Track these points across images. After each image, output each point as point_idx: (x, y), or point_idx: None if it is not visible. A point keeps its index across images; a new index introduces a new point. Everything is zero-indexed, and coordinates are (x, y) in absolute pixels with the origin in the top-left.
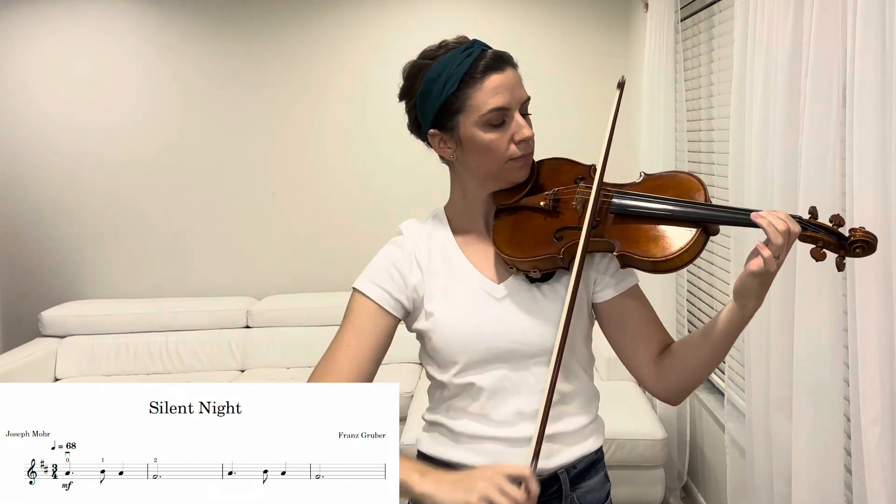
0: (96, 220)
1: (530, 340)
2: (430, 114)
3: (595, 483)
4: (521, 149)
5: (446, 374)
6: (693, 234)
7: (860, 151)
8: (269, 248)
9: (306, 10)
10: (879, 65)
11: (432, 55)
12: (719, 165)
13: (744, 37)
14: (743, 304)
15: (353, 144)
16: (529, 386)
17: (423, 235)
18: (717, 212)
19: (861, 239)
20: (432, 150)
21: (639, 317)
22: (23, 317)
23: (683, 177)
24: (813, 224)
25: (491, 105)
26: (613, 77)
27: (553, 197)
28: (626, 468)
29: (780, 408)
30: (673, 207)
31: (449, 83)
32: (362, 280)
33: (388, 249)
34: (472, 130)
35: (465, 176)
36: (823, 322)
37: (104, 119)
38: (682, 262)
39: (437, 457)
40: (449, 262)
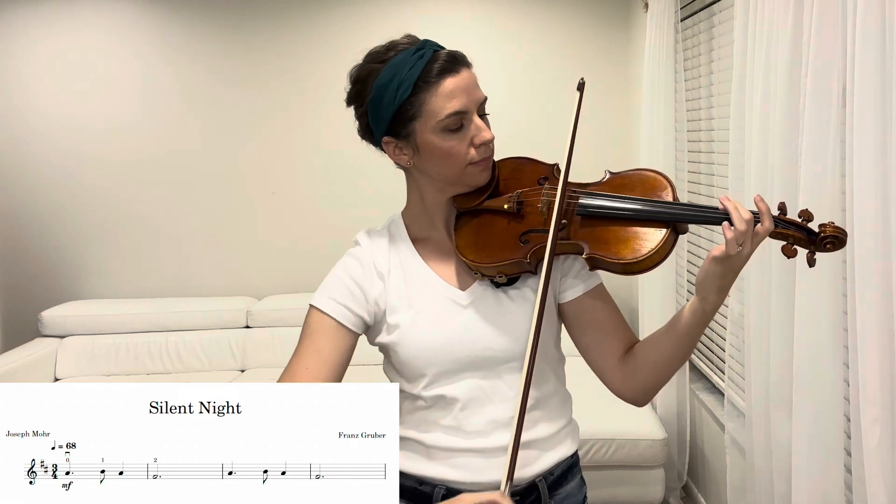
0: (96, 220)
1: (500, 347)
2: (383, 121)
3: (572, 488)
4: (481, 153)
5: (415, 387)
6: (663, 235)
7: (860, 151)
8: (269, 248)
9: (306, 10)
10: (879, 65)
11: (381, 58)
12: (719, 165)
13: (744, 37)
14: (703, 296)
15: (354, 144)
16: (502, 393)
17: (381, 245)
18: (686, 210)
19: (831, 234)
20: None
21: (605, 316)
22: (23, 317)
23: (650, 175)
24: (783, 220)
25: (448, 110)
26: (614, 77)
27: (517, 199)
28: (626, 468)
29: (780, 408)
30: (641, 207)
31: (402, 89)
32: (320, 296)
33: (345, 262)
34: (429, 137)
35: (423, 181)
36: (823, 322)
37: (104, 119)
38: (653, 263)
39: (410, 472)
40: (410, 271)
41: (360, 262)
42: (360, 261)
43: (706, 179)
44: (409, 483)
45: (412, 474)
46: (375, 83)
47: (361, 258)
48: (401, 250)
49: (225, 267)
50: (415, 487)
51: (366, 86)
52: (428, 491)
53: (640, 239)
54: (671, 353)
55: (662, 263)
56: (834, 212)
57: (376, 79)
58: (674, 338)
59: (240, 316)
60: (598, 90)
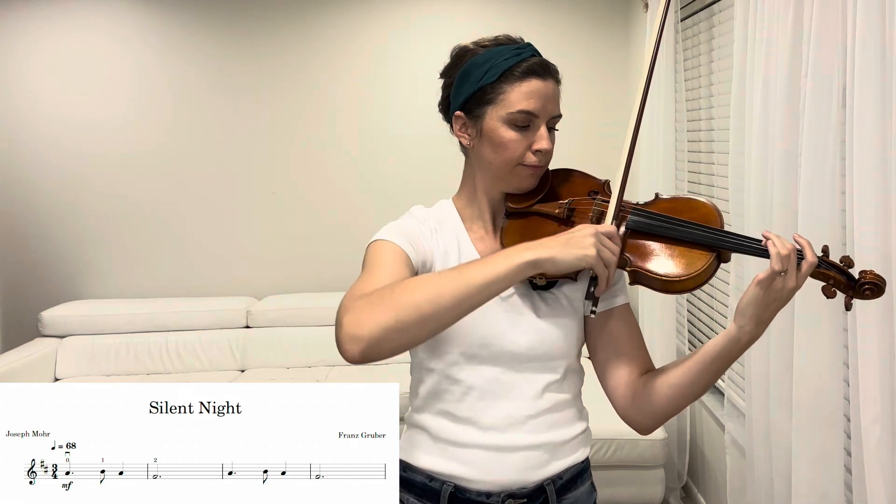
0: (96, 220)
1: (527, 345)
2: (462, 96)
3: (581, 493)
4: (537, 158)
5: (438, 363)
6: (708, 259)
7: (860, 151)
8: (269, 248)
9: (307, 11)
10: (879, 65)
11: (484, 43)
12: (719, 165)
13: (744, 37)
14: (742, 324)
15: (354, 144)
16: (521, 391)
17: (435, 218)
18: (734, 240)
19: (871, 281)
20: (452, 134)
21: (626, 336)
22: (23, 317)
23: (700, 202)
24: (825, 262)
25: (521, 106)
26: (613, 77)
27: (568, 206)
28: (626, 468)
29: (780, 408)
30: (690, 230)
31: (490, 72)
32: (386, 232)
33: (405, 219)
34: (495, 124)
35: (478, 168)
36: (823, 322)
37: (104, 119)
38: (694, 285)
39: (420, 466)
40: (460, 248)
41: (417, 221)
42: (418, 219)
43: (706, 179)
44: (419, 478)
45: (422, 469)
46: (470, 60)
47: (419, 217)
48: (454, 228)
49: (225, 267)
50: (424, 483)
51: (461, 60)
52: (437, 487)
53: (685, 260)
54: (693, 379)
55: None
56: (834, 212)
57: (472, 57)
58: (701, 363)
59: (240, 316)
60: (598, 90)
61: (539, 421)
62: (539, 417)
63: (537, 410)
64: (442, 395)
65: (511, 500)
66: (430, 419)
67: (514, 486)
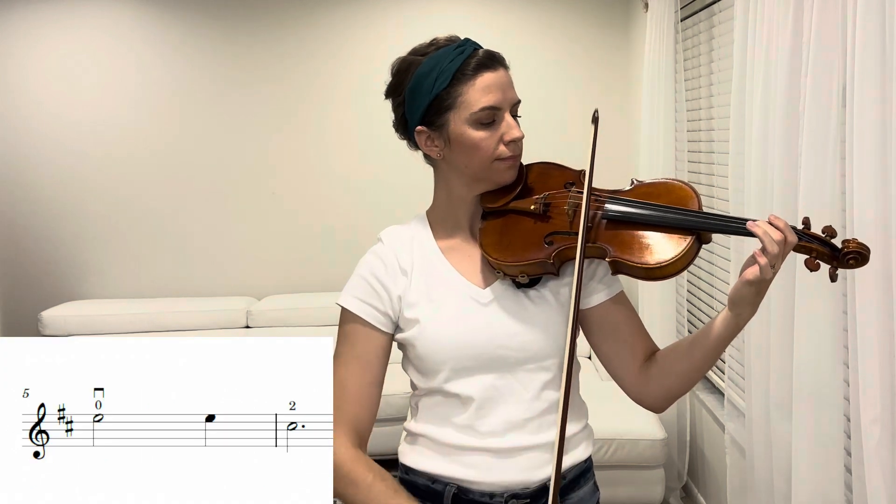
0: (96, 220)
1: (518, 346)
2: (419, 110)
3: (584, 493)
4: (511, 149)
5: (431, 382)
6: (688, 242)
7: (860, 151)
8: (269, 248)
9: (307, 10)
10: (879, 65)
11: (423, 52)
12: (719, 165)
13: (744, 37)
14: (738, 312)
15: (354, 144)
16: (517, 394)
17: (404, 240)
18: (712, 220)
19: (854, 250)
20: (416, 150)
21: (627, 323)
22: (23, 317)
23: (676, 184)
24: (807, 234)
25: (483, 103)
26: (613, 77)
27: (543, 201)
28: (626, 468)
29: (780, 408)
30: (667, 214)
31: (440, 79)
32: (346, 296)
33: (368, 261)
34: (461, 128)
35: (451, 176)
36: (823, 322)
37: (104, 119)
38: (676, 270)
39: (422, 469)
40: (432, 267)
41: (382, 260)
42: (383, 259)
43: (706, 179)
44: (421, 481)
45: (424, 472)
46: (416, 73)
47: (384, 256)
48: (424, 246)
49: (225, 267)
50: (427, 485)
51: (406, 76)
52: (439, 489)
53: (665, 245)
54: (698, 363)
55: (685, 271)
56: (834, 212)
57: (417, 69)
58: (702, 349)
59: (240, 316)
60: (599, 90)
61: (539, 421)
62: (538, 418)
63: (536, 412)
64: (441, 409)
65: (514, 501)
66: (430, 428)
67: (517, 487)
